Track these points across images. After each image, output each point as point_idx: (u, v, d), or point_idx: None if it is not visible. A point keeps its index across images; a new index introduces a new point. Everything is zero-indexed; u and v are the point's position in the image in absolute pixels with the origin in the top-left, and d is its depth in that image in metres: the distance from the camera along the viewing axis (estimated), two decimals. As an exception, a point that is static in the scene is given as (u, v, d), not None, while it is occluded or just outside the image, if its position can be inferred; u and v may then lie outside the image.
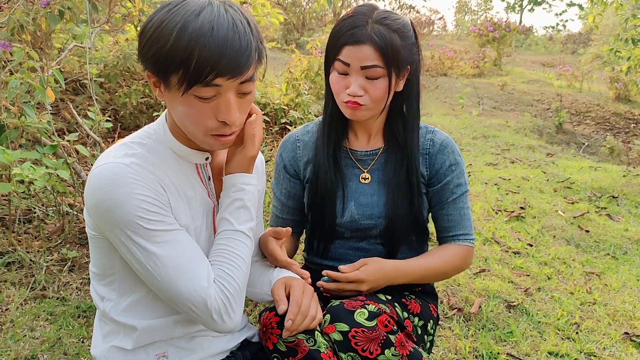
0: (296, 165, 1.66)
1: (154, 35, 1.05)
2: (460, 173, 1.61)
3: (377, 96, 1.45)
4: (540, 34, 26.63)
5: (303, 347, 1.27)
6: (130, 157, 1.13)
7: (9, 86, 2.21)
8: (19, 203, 2.54)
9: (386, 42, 1.40)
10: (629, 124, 9.29)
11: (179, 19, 1.04)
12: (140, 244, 1.11)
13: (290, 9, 12.28)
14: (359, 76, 1.43)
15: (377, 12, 1.45)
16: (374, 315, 1.32)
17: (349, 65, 1.43)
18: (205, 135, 1.14)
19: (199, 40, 1.02)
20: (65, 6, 2.74)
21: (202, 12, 1.05)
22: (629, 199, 4.64)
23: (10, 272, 2.35)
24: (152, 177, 1.13)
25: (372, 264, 1.50)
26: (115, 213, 1.09)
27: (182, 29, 1.03)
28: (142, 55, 1.10)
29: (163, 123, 1.23)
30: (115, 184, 1.09)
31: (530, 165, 5.78)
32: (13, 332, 2.02)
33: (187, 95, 1.07)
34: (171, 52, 1.03)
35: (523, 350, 2.24)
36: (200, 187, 1.26)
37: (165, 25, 1.04)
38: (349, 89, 1.45)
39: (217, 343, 1.35)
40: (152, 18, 1.08)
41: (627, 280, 3.02)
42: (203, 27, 1.03)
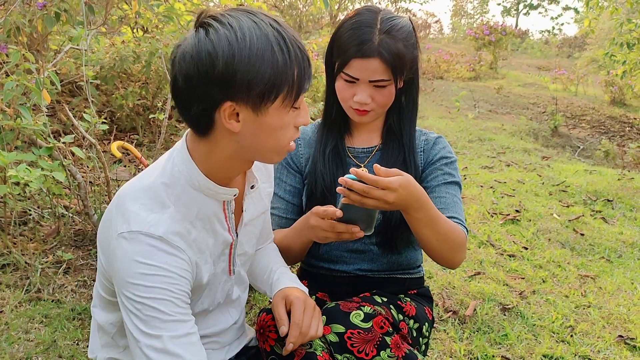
0: (298, 162, 1.66)
1: (252, 59, 0.98)
2: (452, 165, 1.60)
3: (384, 102, 1.50)
4: (536, 37, 26.75)
5: (299, 350, 1.28)
6: (165, 221, 1.07)
7: (5, 88, 2.21)
8: (15, 205, 2.54)
9: (394, 55, 1.43)
10: (624, 127, 9.33)
11: (264, 37, 1.00)
12: (143, 323, 1.06)
13: (287, 12, 12.29)
14: (367, 86, 1.47)
15: (381, 19, 1.46)
16: (369, 316, 1.32)
17: (358, 79, 1.46)
18: (285, 147, 1.12)
19: (296, 50, 1.03)
20: (62, 8, 2.74)
21: (271, 23, 1.03)
22: (624, 202, 4.66)
23: (5, 275, 2.35)
24: (185, 247, 1.09)
25: (406, 176, 1.30)
26: (137, 289, 1.05)
27: (277, 43, 1.01)
28: (232, 85, 0.99)
29: (188, 162, 1.12)
30: (147, 262, 1.04)
31: (526, 168, 5.80)
32: (8, 334, 2.01)
33: (289, 109, 1.07)
34: (281, 71, 1.01)
35: (518, 353, 2.25)
36: (222, 225, 1.20)
37: (259, 46, 0.99)
38: (357, 97, 1.47)
39: (215, 355, 1.34)
40: (229, 45, 0.98)
41: (622, 283, 3.03)
42: (289, 37, 1.03)
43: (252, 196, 1.28)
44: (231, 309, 1.37)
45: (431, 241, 1.42)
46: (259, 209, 1.33)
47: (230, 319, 1.37)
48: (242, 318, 1.44)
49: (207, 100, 1.01)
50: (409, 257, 1.64)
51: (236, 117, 1.03)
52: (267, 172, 1.37)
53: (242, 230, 1.27)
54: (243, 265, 1.35)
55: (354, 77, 1.46)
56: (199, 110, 1.03)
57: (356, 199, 1.26)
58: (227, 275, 1.28)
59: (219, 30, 0.99)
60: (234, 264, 1.28)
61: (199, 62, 0.99)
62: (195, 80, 1.00)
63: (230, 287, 1.31)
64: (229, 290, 1.32)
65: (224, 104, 1.00)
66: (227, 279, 1.29)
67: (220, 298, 1.30)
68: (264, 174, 1.35)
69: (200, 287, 1.18)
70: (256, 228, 1.34)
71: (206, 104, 1.01)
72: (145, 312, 1.05)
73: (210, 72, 0.98)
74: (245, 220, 1.26)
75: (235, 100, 1.01)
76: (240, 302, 1.39)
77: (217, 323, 1.34)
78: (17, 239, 2.56)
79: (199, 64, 0.99)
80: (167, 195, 1.10)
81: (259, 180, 1.29)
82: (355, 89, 1.48)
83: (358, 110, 1.50)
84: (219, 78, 0.98)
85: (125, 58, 3.78)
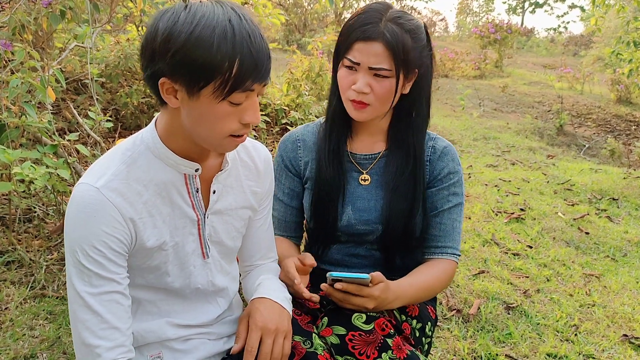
0: (297, 164, 1.64)
1: (189, 42, 1.02)
2: (458, 182, 1.57)
3: (382, 95, 1.43)
4: (542, 35, 26.64)
5: (300, 350, 1.27)
6: (106, 176, 1.13)
7: (10, 85, 2.22)
8: (19, 202, 2.55)
9: (397, 42, 1.38)
10: (630, 126, 9.29)
11: (212, 25, 1.02)
12: (71, 273, 1.12)
13: (292, 10, 12.28)
14: (367, 74, 1.42)
15: (392, 11, 1.43)
16: (371, 318, 1.32)
17: (359, 64, 1.42)
18: (223, 138, 1.13)
19: (242, 47, 1.03)
20: (67, 6, 2.75)
21: (230, 19, 1.04)
22: (629, 201, 4.64)
23: (10, 271, 2.36)
24: (120, 204, 1.12)
25: (386, 282, 1.38)
26: (68, 235, 1.11)
27: (222, 36, 1.02)
28: (167, 62, 1.04)
29: (152, 130, 1.19)
30: (77, 208, 1.11)
31: (531, 167, 5.78)
32: (12, 331, 2.02)
33: (222, 102, 1.07)
34: (214, 60, 1.02)
35: (522, 351, 2.24)
36: (183, 199, 1.22)
37: (200, 32, 1.02)
38: (355, 85, 1.43)
39: (212, 345, 1.35)
40: (173, 24, 1.04)
41: (627, 282, 3.02)
42: (242, 33, 1.04)
43: (227, 183, 1.30)
44: (219, 299, 1.38)
45: (420, 300, 1.53)
46: (239, 201, 1.33)
47: (219, 309, 1.37)
48: (238, 312, 1.46)
49: (150, 70, 1.08)
50: (411, 260, 1.62)
51: (175, 94, 1.09)
52: (257, 172, 1.37)
53: (214, 216, 1.28)
54: (223, 256, 1.36)
55: (354, 62, 1.42)
56: (147, 78, 1.10)
57: (337, 299, 1.36)
58: (201, 259, 1.29)
59: (177, 11, 1.06)
60: (207, 247, 1.29)
61: (148, 34, 1.07)
62: (144, 49, 1.09)
63: (209, 273, 1.32)
64: (210, 276, 1.32)
65: (162, 79, 1.07)
66: (203, 263, 1.30)
67: (200, 283, 1.30)
68: (252, 172, 1.36)
69: (146, 249, 1.19)
70: (237, 221, 1.34)
71: (149, 73, 1.08)
72: (74, 263, 1.11)
73: (153, 45, 1.06)
74: (216, 204, 1.28)
75: (171, 77, 1.06)
76: (228, 292, 1.39)
77: (204, 312, 1.35)
78: (22, 236, 2.57)
79: (147, 36, 1.07)
80: (123, 157, 1.17)
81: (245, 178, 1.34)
82: (355, 77, 1.43)
83: (355, 101, 1.45)
84: (157, 53, 1.05)
85: (130, 56, 3.79)
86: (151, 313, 1.28)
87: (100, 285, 1.11)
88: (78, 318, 1.12)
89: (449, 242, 1.56)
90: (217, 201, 1.28)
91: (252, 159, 1.36)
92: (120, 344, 1.14)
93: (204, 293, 1.33)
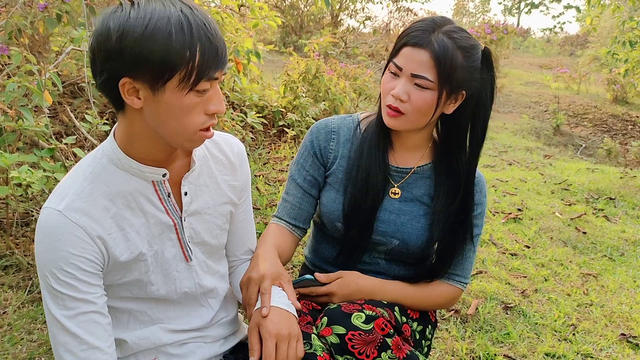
0: (326, 155, 1.58)
1: (145, 35, 0.99)
2: (480, 214, 1.54)
3: (419, 106, 1.37)
4: (538, 36, 26.71)
5: None
6: (68, 197, 1.11)
7: (7, 89, 2.22)
8: (17, 206, 2.54)
9: (446, 55, 1.33)
10: (627, 125, 9.31)
11: (166, 16, 1.01)
12: (45, 297, 1.11)
13: (288, 12, 12.29)
14: (408, 81, 1.37)
15: (450, 25, 1.38)
16: (371, 318, 1.32)
17: (402, 70, 1.37)
18: (194, 133, 1.12)
19: (200, 35, 1.02)
20: (63, 10, 2.74)
21: (182, 9, 1.03)
22: (626, 200, 4.66)
23: (7, 276, 2.35)
24: (85, 223, 1.10)
25: (347, 277, 1.48)
26: (38, 260, 1.11)
27: (179, 26, 1.01)
28: (125, 60, 1.01)
29: (111, 142, 1.16)
30: (42, 233, 1.10)
31: (528, 167, 5.79)
32: (11, 335, 2.02)
33: (189, 93, 1.06)
34: (174, 50, 1.01)
35: (520, 351, 2.25)
36: (155, 206, 1.20)
37: (156, 24, 1.00)
38: (394, 90, 1.38)
39: (208, 348, 1.34)
40: (125, 20, 1.01)
41: (624, 281, 3.03)
42: (197, 22, 1.02)
43: (199, 182, 1.27)
44: (210, 300, 1.36)
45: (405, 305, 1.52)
46: (217, 198, 1.31)
47: (211, 311, 1.36)
48: (233, 312, 1.44)
49: (107, 74, 1.04)
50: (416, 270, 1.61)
51: (136, 94, 1.06)
52: (231, 166, 1.34)
53: (192, 217, 1.26)
54: (209, 256, 1.34)
55: (398, 66, 1.37)
56: (102, 83, 1.06)
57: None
58: (184, 262, 1.27)
59: (125, 7, 1.03)
60: (188, 250, 1.27)
61: (99, 35, 1.03)
62: (96, 54, 1.04)
63: (195, 276, 1.30)
64: (196, 278, 1.30)
65: (122, 79, 1.03)
66: (186, 266, 1.28)
67: (187, 287, 1.29)
68: (226, 167, 1.34)
69: (121, 264, 1.17)
70: (217, 219, 1.33)
71: (106, 76, 1.05)
72: (46, 287, 1.10)
73: (106, 46, 1.02)
74: (191, 205, 1.26)
75: (132, 76, 1.03)
76: (218, 292, 1.38)
77: (197, 316, 1.33)
78: (20, 240, 2.57)
79: (99, 38, 1.03)
80: (84, 174, 1.14)
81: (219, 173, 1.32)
82: (396, 82, 1.39)
83: (391, 107, 1.39)
84: (113, 52, 1.02)
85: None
86: (144, 322, 1.27)
87: (76, 307, 1.10)
88: (58, 341, 1.11)
89: (457, 271, 1.56)
90: (192, 202, 1.26)
91: (224, 153, 1.34)
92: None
93: (193, 296, 1.31)
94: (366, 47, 12.60)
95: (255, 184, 3.59)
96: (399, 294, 1.51)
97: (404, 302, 1.51)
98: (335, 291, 1.46)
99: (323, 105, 4.95)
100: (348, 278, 1.49)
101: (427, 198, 1.53)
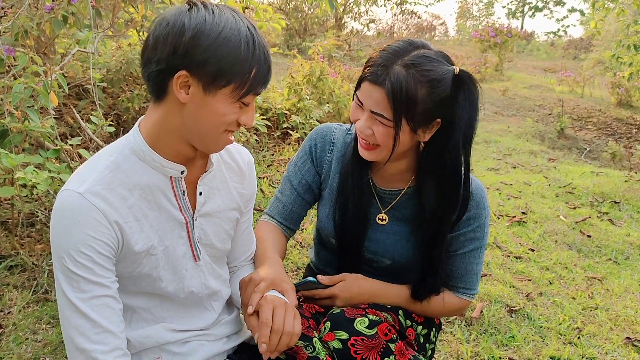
0: (321, 163, 1.58)
1: (218, 41, 1.06)
2: (479, 227, 1.49)
3: (384, 142, 1.33)
4: (542, 39, 26.70)
5: (302, 354, 1.27)
6: (89, 181, 1.12)
7: (13, 91, 2.22)
8: (22, 207, 2.55)
9: (402, 92, 1.26)
10: (631, 129, 9.29)
11: (237, 29, 1.08)
12: (59, 280, 1.12)
13: (292, 15, 12.31)
14: (369, 117, 1.33)
15: (414, 54, 1.30)
16: (374, 323, 1.31)
17: (362, 105, 1.34)
18: (222, 133, 1.16)
19: (260, 53, 1.11)
20: (69, 11, 2.75)
21: (249, 27, 1.10)
22: (631, 204, 4.64)
23: (12, 276, 2.36)
24: (104, 208, 1.12)
25: (349, 280, 1.48)
26: (54, 242, 1.12)
27: (246, 41, 1.08)
28: (193, 58, 1.06)
29: (136, 133, 1.19)
30: (61, 215, 1.11)
31: (532, 170, 5.78)
32: (16, 335, 2.02)
33: (236, 102, 1.12)
34: (238, 62, 1.08)
35: (525, 354, 2.24)
36: (170, 202, 1.23)
37: (228, 34, 1.07)
38: (358, 125, 1.35)
39: (211, 347, 1.35)
40: (202, 22, 1.07)
41: (629, 285, 3.02)
42: (260, 41, 1.11)
43: (213, 185, 1.30)
44: (213, 303, 1.38)
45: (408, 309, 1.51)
46: (227, 202, 1.34)
47: (214, 313, 1.38)
48: (234, 313, 1.45)
49: (166, 63, 1.08)
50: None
51: (186, 89, 1.10)
52: (241, 174, 1.38)
53: (203, 218, 1.29)
54: (215, 260, 1.36)
55: (359, 101, 1.34)
56: (156, 71, 1.10)
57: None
58: (192, 262, 1.29)
59: (201, 10, 1.09)
60: (197, 249, 1.29)
61: (172, 28, 1.07)
62: (161, 44, 1.08)
63: (202, 276, 1.32)
64: (203, 279, 1.32)
65: (179, 72, 1.08)
66: (195, 265, 1.30)
67: (194, 286, 1.30)
68: (237, 174, 1.37)
69: (134, 254, 1.19)
70: (225, 223, 1.35)
71: (164, 66, 1.08)
72: (62, 270, 1.11)
73: (178, 40, 1.06)
74: (204, 206, 1.28)
75: (191, 71, 1.08)
76: (222, 295, 1.40)
77: (200, 318, 1.35)
78: (25, 240, 2.57)
79: (171, 30, 1.07)
80: (106, 162, 1.16)
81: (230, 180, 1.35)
82: (360, 114, 1.35)
83: (362, 140, 1.37)
84: (184, 47, 1.06)
85: (132, 61, 3.79)
86: (147, 320, 1.28)
87: (90, 290, 1.11)
88: (71, 324, 1.11)
89: (459, 283, 1.53)
90: (205, 203, 1.28)
91: (235, 161, 1.37)
92: (116, 347, 1.14)
93: (199, 297, 1.33)
94: (370, 49, 12.60)
95: (259, 186, 3.60)
96: (401, 299, 1.50)
97: (406, 305, 1.50)
98: (337, 294, 1.46)
99: (327, 108, 4.95)
100: (350, 281, 1.49)
101: (416, 218, 1.49)
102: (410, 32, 14.11)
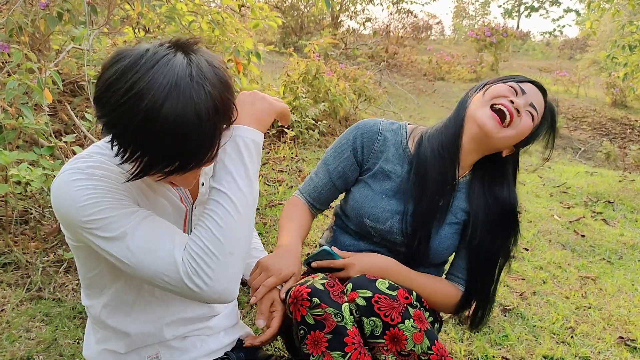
0: (367, 155, 1.62)
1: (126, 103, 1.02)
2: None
3: (521, 127, 1.59)
4: (538, 39, 26.78)
5: (331, 322, 1.28)
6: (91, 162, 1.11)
7: (7, 87, 2.22)
8: (16, 204, 2.54)
9: (552, 113, 1.68)
10: (625, 129, 9.33)
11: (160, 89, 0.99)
12: (100, 235, 1.08)
13: (289, 13, 12.29)
14: (526, 103, 1.63)
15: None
16: (394, 287, 1.35)
17: (525, 94, 1.62)
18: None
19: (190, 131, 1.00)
20: (64, 8, 2.75)
21: (180, 87, 0.99)
22: (625, 204, 4.66)
23: (6, 273, 2.35)
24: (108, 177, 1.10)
25: (365, 255, 1.53)
26: (70, 213, 1.08)
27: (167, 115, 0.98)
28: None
29: None
30: (66, 183, 1.08)
31: (527, 169, 5.79)
32: (9, 333, 2.01)
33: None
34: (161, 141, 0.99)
35: (518, 354, 2.25)
36: (170, 191, 1.24)
37: (144, 87, 1.00)
38: (516, 100, 1.58)
39: (210, 342, 1.36)
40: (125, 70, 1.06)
41: (622, 285, 3.03)
42: (187, 113, 0.99)
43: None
44: None
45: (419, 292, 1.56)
46: None
47: None
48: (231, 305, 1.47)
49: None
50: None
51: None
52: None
53: (202, 206, 1.30)
54: None
55: (523, 90, 1.63)
56: None
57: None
58: None
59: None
60: None
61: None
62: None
63: None
64: None
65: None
66: None
67: None
68: None
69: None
70: None
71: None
72: (95, 229, 1.07)
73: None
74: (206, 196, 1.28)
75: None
76: None
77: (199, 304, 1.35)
78: (18, 237, 2.56)
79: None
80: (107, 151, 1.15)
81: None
82: (511, 96, 1.59)
83: (504, 108, 1.58)
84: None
85: (127, 58, 3.77)
86: (150, 303, 1.27)
87: (135, 215, 1.09)
88: (148, 249, 1.08)
89: (456, 272, 1.65)
90: (207, 193, 1.28)
91: None
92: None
93: None
94: (366, 48, 12.61)
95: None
96: (410, 277, 1.54)
97: (414, 287, 1.54)
98: (351, 263, 1.48)
99: (323, 106, 4.95)
100: (365, 253, 1.54)
101: (460, 213, 1.61)
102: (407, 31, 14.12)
